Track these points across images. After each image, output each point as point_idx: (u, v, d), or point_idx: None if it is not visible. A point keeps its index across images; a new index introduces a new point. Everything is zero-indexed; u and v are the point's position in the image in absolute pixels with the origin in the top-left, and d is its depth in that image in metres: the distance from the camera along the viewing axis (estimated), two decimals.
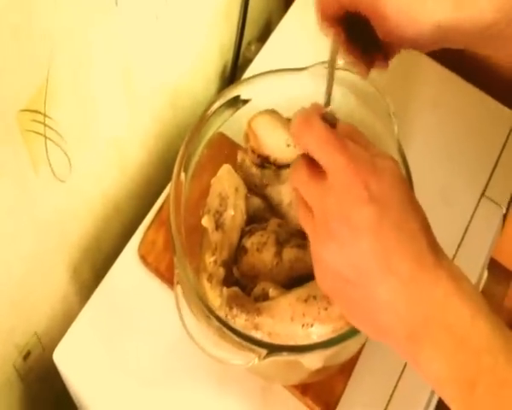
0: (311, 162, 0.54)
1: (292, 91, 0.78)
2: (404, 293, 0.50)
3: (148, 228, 0.83)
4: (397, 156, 0.77)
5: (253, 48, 0.97)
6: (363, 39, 0.64)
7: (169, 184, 0.87)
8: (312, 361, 0.72)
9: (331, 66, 0.65)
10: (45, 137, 0.69)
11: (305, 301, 0.70)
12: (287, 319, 0.71)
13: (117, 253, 0.84)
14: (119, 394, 0.80)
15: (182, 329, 0.68)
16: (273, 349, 0.66)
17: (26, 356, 0.84)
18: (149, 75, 0.83)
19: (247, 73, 0.92)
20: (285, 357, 0.68)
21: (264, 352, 0.66)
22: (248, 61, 0.95)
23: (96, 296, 0.82)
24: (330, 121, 0.56)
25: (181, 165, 0.72)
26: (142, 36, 0.77)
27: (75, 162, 0.76)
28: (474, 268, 0.91)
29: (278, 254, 0.75)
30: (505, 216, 0.97)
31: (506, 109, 1.00)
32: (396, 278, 0.50)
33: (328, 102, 0.69)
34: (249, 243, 0.76)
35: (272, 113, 0.77)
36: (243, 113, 0.78)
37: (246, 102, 0.78)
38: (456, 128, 0.97)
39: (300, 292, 0.71)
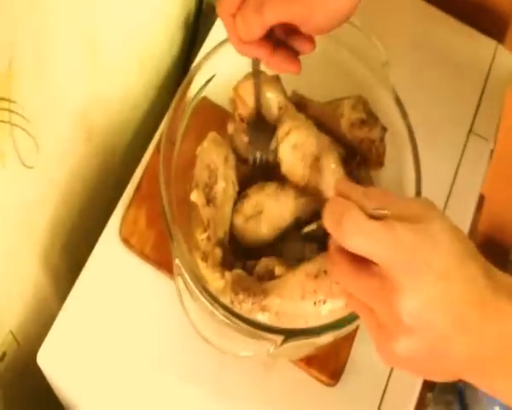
0: (352, 257, 0.51)
1: None
2: (477, 342, 0.49)
3: (129, 206, 0.76)
4: (393, 107, 0.72)
5: None
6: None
7: (143, 158, 0.80)
8: (325, 338, 0.67)
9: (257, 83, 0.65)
10: (11, 124, 0.61)
11: (316, 276, 0.65)
12: (297, 297, 0.65)
13: (92, 236, 0.77)
14: (110, 390, 0.74)
15: (174, 313, 0.64)
16: (291, 335, 0.62)
17: (2, 357, 0.77)
18: (113, 38, 0.74)
19: (217, 26, 0.85)
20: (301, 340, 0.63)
21: (280, 339, 0.61)
22: (214, 8, 0.86)
23: (76, 289, 0.74)
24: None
25: (167, 139, 0.65)
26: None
27: (42, 144, 0.68)
28: (468, 206, 0.90)
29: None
30: (492, 151, 0.93)
31: (487, 39, 0.95)
32: (469, 337, 0.49)
33: (258, 112, 0.68)
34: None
35: (258, 75, 0.70)
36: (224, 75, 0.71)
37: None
38: (439, 63, 0.92)
39: (309, 268, 0.65)
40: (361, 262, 0.50)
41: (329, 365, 0.77)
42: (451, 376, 0.52)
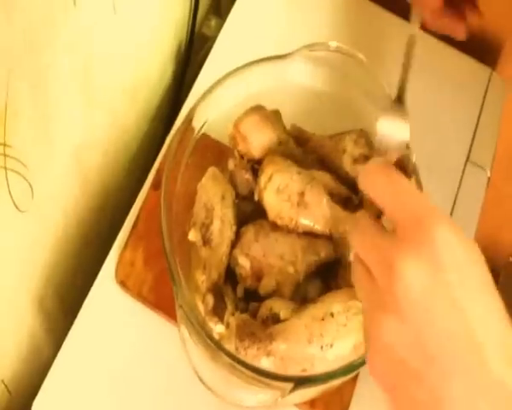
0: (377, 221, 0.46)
1: (275, 82, 0.70)
2: (489, 394, 0.38)
3: (125, 247, 0.73)
4: None
5: (212, 24, 0.86)
6: None
7: (138, 196, 0.78)
8: (334, 382, 0.65)
9: (410, 48, 0.57)
10: (6, 169, 0.58)
11: (322, 319, 0.63)
12: (303, 341, 0.63)
13: (87, 279, 0.74)
14: None
15: (175, 358, 0.61)
16: (301, 382, 0.59)
17: None
18: (106, 74, 0.72)
19: (211, 57, 0.82)
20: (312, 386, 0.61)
21: (289, 387, 0.59)
22: (208, 39, 0.84)
23: (72, 335, 0.71)
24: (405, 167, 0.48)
25: (168, 183, 0.63)
26: (102, 33, 0.66)
27: (37, 188, 0.65)
28: (467, 234, 0.87)
29: None
30: (489, 179, 0.93)
31: (482, 66, 0.94)
32: (481, 371, 0.38)
33: (402, 95, 0.60)
34: None
35: (259, 110, 0.68)
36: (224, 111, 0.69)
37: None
38: (434, 91, 0.91)
39: (315, 310, 0.64)
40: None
41: (333, 406, 0.75)
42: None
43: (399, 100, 0.58)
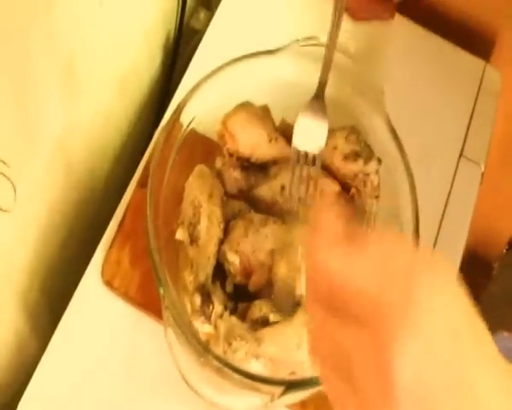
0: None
1: (264, 77, 0.68)
2: None
3: (111, 245, 0.72)
4: (388, 136, 0.69)
5: (201, 16, 0.84)
6: None
7: (126, 192, 0.76)
8: None
9: (332, 37, 0.56)
10: None
11: None
12: (293, 346, 0.62)
13: (73, 278, 0.73)
14: None
15: (162, 359, 0.61)
16: (292, 386, 0.58)
17: None
18: (94, 64, 0.70)
19: (201, 50, 0.81)
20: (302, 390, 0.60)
21: (279, 390, 0.58)
22: (196, 32, 0.82)
23: (57, 336, 0.70)
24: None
25: (154, 179, 0.61)
26: (87, 25, 0.64)
27: (20, 185, 0.63)
28: (461, 230, 0.87)
29: None
30: (483, 174, 0.91)
31: (475, 59, 0.92)
32: None
33: (323, 86, 0.58)
34: None
35: (247, 107, 0.67)
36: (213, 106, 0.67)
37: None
38: (428, 84, 0.90)
39: (306, 315, 0.62)
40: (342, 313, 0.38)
41: (325, 406, 0.73)
42: None
43: (318, 97, 0.54)
